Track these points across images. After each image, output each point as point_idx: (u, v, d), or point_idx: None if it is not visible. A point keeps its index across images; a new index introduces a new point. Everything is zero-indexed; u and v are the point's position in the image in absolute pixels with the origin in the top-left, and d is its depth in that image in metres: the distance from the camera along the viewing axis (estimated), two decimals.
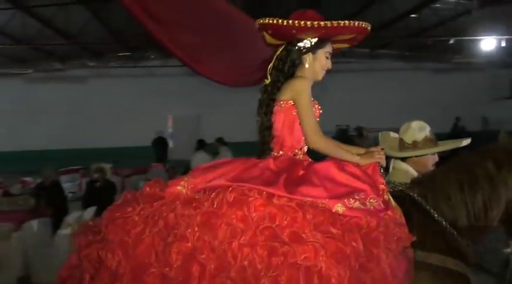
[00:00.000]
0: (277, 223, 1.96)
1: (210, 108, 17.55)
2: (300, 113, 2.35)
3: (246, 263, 1.89)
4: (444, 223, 2.36)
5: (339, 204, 2.04)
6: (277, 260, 1.88)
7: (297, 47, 2.44)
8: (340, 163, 2.24)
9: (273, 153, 2.41)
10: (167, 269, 1.96)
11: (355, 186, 2.13)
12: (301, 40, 2.43)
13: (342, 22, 2.31)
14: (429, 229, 2.30)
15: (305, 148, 2.42)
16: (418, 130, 3.08)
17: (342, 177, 2.16)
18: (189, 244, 1.97)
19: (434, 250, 2.27)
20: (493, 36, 13.03)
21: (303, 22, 2.28)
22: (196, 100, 17.55)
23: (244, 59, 7.39)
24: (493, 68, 19.84)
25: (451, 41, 13.41)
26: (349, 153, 2.36)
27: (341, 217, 2.01)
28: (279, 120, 2.40)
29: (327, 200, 2.05)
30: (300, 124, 2.36)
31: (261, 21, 2.34)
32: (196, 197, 2.12)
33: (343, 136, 12.41)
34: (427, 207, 2.38)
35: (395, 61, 18.86)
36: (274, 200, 2.03)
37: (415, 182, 2.62)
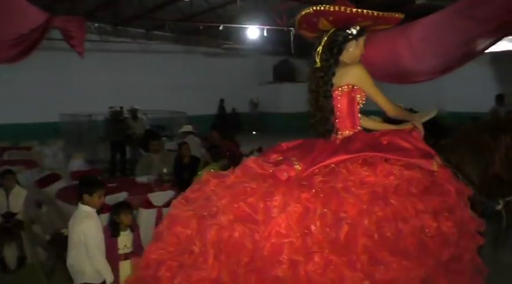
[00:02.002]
0: (405, 180, 2.34)
1: None
2: (371, 93, 2.68)
3: (397, 221, 2.23)
4: (465, 181, 2.81)
5: (434, 163, 2.48)
6: (422, 212, 2.27)
7: (345, 34, 2.69)
8: (409, 132, 2.65)
9: (340, 132, 2.70)
10: (308, 237, 2.17)
11: (427, 149, 2.57)
12: (347, 27, 2.68)
13: (396, 14, 2.64)
14: None
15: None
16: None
17: (419, 143, 2.57)
18: (352, 212, 2.21)
19: None
20: (257, 25, 14.06)
21: (371, 12, 2.54)
22: None
23: None
24: (258, 55, 21.58)
25: (221, 27, 14.03)
26: (411, 115, 2.84)
27: (436, 173, 2.47)
28: (342, 104, 2.69)
29: (424, 160, 2.46)
30: (373, 99, 2.71)
31: (323, 7, 2.52)
32: (317, 173, 2.38)
33: (117, 118, 11.94)
34: (452, 169, 2.77)
35: (170, 43, 18.99)
36: (393, 163, 2.40)
37: (438, 150, 2.93)
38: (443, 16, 6.39)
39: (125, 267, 4.00)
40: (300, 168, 2.43)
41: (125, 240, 3.98)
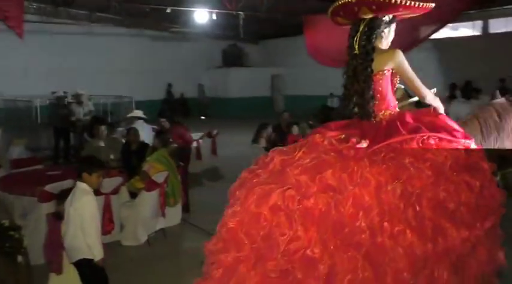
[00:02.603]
0: (455, 157, 2.65)
1: None
2: (408, 78, 2.86)
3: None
4: None
5: (472, 143, 2.78)
6: (474, 186, 2.64)
7: (380, 21, 2.84)
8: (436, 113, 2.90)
9: (381, 113, 2.87)
10: (381, 208, 2.42)
11: (460, 129, 2.84)
12: (383, 15, 2.84)
13: (431, 4, 2.78)
14: None
15: None
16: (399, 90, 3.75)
17: (453, 123, 2.84)
18: (419, 185, 2.50)
19: None
20: (205, 9, 13.86)
21: (412, 2, 2.69)
22: None
23: None
24: (207, 39, 21.33)
25: (168, 10, 13.74)
26: (436, 101, 2.97)
27: (474, 152, 2.78)
28: (383, 87, 2.86)
29: (465, 140, 2.76)
30: (408, 84, 2.92)
31: None
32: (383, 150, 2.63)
33: (60, 103, 11.46)
34: None
35: (115, 26, 18.40)
36: (441, 140, 2.69)
37: None
38: None
39: None
40: (365, 145, 2.67)
41: None
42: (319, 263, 2.36)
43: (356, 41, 2.87)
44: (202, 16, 14.36)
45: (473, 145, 2.79)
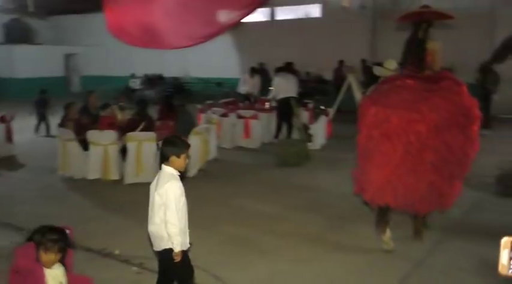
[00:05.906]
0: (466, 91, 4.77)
1: None
2: (439, 54, 5.07)
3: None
4: None
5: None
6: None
7: (432, 22, 5.11)
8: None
9: (427, 71, 5.03)
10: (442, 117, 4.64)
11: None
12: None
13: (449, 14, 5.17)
14: None
15: None
16: (394, 63, 5.74)
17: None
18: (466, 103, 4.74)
19: None
20: None
21: (450, 15, 5.14)
22: None
23: None
24: None
25: None
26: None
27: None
28: (428, 58, 5.06)
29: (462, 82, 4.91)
30: (437, 59, 5.10)
31: (444, 15, 5.18)
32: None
33: None
34: None
35: None
36: (460, 84, 4.82)
37: None
38: None
39: None
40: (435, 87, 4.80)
41: None
42: (427, 138, 4.50)
43: (421, 32, 5.01)
44: None
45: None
